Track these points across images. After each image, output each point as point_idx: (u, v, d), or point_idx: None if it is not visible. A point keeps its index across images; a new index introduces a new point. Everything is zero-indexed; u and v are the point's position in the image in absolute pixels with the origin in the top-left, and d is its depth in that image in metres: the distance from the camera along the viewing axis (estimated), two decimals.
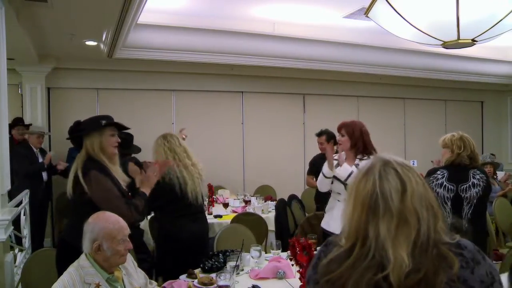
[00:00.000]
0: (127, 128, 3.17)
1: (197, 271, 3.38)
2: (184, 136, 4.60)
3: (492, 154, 7.43)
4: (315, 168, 5.84)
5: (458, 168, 3.63)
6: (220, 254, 3.54)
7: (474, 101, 11.07)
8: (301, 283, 2.90)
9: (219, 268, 3.31)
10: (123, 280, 2.48)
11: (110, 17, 4.77)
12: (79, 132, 3.02)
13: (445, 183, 3.65)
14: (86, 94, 7.28)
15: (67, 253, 2.72)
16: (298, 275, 2.92)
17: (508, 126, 11.08)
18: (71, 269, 2.35)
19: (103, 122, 3.00)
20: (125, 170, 3.26)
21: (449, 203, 3.60)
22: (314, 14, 7.04)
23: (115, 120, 3.10)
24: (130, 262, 2.65)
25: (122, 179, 3.09)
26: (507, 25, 3.70)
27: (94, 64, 6.96)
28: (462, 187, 3.57)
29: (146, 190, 3.09)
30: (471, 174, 3.58)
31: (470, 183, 3.55)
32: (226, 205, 5.99)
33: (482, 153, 9.22)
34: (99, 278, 2.34)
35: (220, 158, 5.64)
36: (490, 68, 9.75)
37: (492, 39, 4.03)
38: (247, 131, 8.27)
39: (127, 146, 5.16)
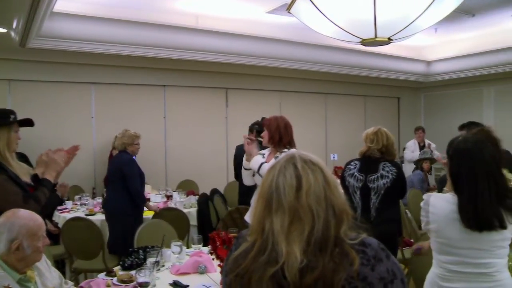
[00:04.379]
0: (33, 124, 3.01)
1: (116, 268, 3.31)
2: None
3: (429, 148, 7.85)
4: None
5: (369, 160, 3.82)
6: (140, 251, 3.49)
7: (391, 97, 11.66)
8: None
9: (139, 264, 3.25)
10: (35, 281, 2.37)
11: (21, 3, 4.49)
12: None
13: (355, 173, 3.84)
14: None
15: None
16: (219, 269, 2.93)
17: (421, 120, 11.81)
18: None
19: (12, 117, 2.87)
20: None
21: (358, 192, 3.78)
22: (237, 9, 7.06)
23: (28, 114, 2.97)
24: (43, 261, 2.54)
25: (26, 172, 2.95)
26: (419, 26, 3.90)
27: (5, 53, 6.52)
28: (370, 177, 3.74)
29: (50, 176, 2.95)
30: (381, 166, 3.75)
31: (379, 175, 3.72)
32: (147, 201, 5.88)
33: (399, 146, 9.71)
34: (9, 280, 2.21)
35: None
36: (406, 66, 10.30)
37: (406, 38, 4.23)
38: (169, 126, 8.15)
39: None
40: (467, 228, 2.18)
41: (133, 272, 3.04)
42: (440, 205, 2.31)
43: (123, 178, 4.84)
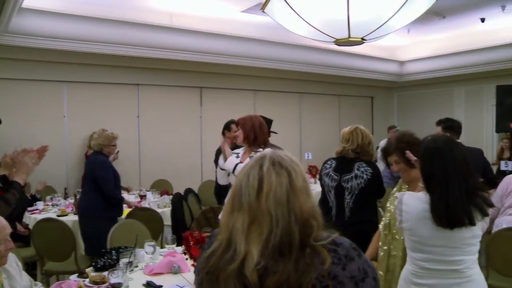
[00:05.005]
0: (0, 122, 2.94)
1: (88, 270, 3.26)
2: None
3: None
4: None
5: (344, 160, 3.82)
6: (113, 251, 3.44)
7: (365, 97, 11.81)
8: None
9: (112, 265, 3.21)
10: (2, 284, 2.31)
11: None
12: None
13: (330, 172, 3.84)
14: None
15: None
16: (193, 269, 2.91)
17: (395, 119, 12.03)
18: None
19: None
20: None
21: (332, 192, 3.79)
22: (212, 7, 7.04)
23: None
24: (14, 263, 2.48)
25: None
26: (392, 26, 3.96)
27: None
28: (345, 177, 3.74)
29: (20, 179, 2.88)
30: (355, 166, 3.74)
31: (353, 175, 3.71)
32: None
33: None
34: None
35: None
36: (380, 66, 10.46)
37: (379, 38, 4.29)
38: (143, 125, 8.06)
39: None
40: (438, 227, 2.23)
41: (105, 273, 3.00)
42: (413, 203, 2.35)
43: (96, 180, 4.75)
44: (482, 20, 7.92)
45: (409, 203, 2.37)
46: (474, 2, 7.07)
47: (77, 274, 3.17)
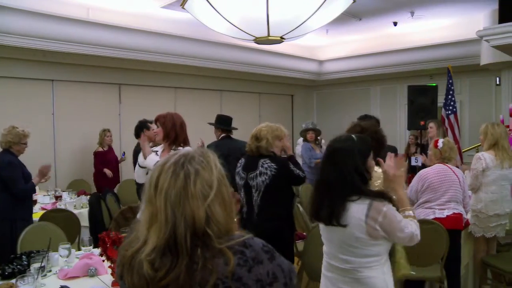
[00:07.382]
0: None
1: None
2: None
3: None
4: None
5: (251, 157, 3.91)
6: (23, 256, 3.26)
7: (285, 95, 12.03)
8: (113, 279, 2.82)
9: (21, 271, 3.03)
10: None
11: None
12: None
13: (240, 171, 3.94)
14: None
15: None
16: (110, 270, 2.83)
17: (314, 116, 12.35)
18: None
19: None
20: None
21: (242, 190, 3.87)
22: (131, 2, 6.90)
23: None
24: None
25: None
26: (310, 26, 4.06)
27: None
28: (251, 175, 3.82)
29: None
30: (260, 163, 3.80)
31: (258, 172, 3.78)
32: (34, 202, 5.52)
33: (293, 142, 10.09)
34: None
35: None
36: (300, 65, 10.72)
37: (298, 37, 4.39)
38: (58, 123, 7.70)
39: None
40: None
41: (14, 281, 2.83)
42: None
43: (3, 180, 4.50)
44: (395, 23, 8.35)
45: None
46: (387, 6, 7.41)
47: None
